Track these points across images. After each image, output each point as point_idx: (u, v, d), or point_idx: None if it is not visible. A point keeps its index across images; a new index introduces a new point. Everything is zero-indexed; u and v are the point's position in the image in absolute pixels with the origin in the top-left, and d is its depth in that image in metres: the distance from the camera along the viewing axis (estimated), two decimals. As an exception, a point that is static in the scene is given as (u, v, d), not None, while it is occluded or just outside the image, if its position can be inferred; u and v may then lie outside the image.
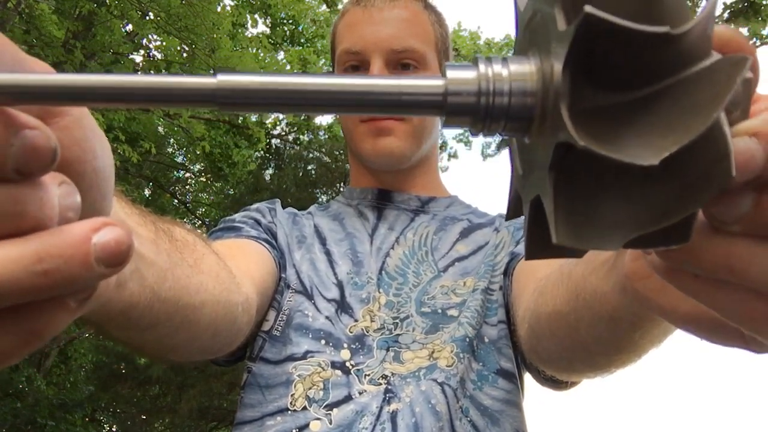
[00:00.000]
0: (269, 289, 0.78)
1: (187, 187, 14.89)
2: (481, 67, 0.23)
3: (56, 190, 0.22)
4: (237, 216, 0.85)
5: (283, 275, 0.82)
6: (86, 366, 12.04)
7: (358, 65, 0.85)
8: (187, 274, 0.49)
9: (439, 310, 0.78)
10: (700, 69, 0.20)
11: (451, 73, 0.23)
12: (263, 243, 0.80)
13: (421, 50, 0.85)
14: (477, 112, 0.23)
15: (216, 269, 0.56)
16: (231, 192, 13.80)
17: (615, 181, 0.21)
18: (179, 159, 14.11)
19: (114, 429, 12.63)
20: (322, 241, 0.87)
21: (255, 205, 0.90)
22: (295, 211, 0.93)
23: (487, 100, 0.22)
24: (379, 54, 0.83)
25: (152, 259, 0.42)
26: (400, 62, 0.84)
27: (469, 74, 0.23)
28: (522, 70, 0.23)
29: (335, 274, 0.82)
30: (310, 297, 0.80)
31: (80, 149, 0.24)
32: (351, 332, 0.77)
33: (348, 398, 0.72)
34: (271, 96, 0.22)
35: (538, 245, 0.24)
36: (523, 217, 0.25)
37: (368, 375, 0.74)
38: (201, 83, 0.22)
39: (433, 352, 0.75)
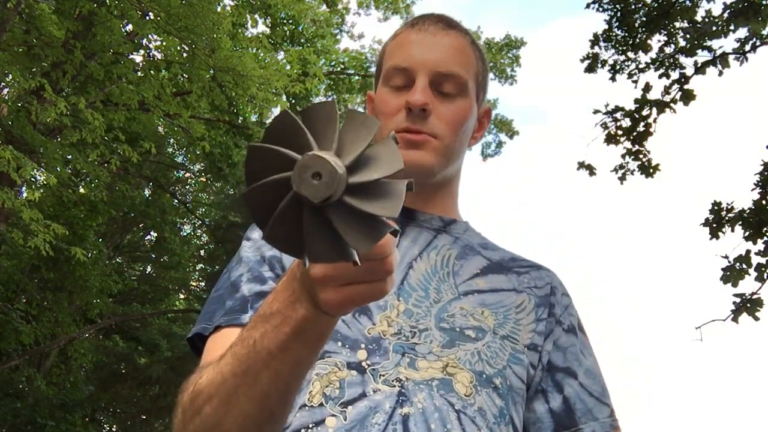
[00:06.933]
0: None
1: (187, 187, 14.88)
2: None
3: None
4: (244, 289, 0.83)
5: None
6: (86, 366, 12.03)
7: (403, 82, 0.88)
8: None
9: (457, 329, 0.81)
10: None
11: None
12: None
13: (464, 78, 0.88)
14: None
15: None
16: (231, 192, 13.79)
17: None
18: (179, 159, 14.11)
19: (114, 429, 12.62)
20: None
21: (253, 253, 0.88)
22: None
23: None
24: (426, 73, 0.86)
25: None
26: (442, 89, 0.87)
27: None
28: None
29: None
30: None
31: None
32: (369, 334, 0.79)
33: (362, 396, 0.75)
34: None
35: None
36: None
37: (383, 375, 0.76)
38: None
39: (447, 365, 0.78)
